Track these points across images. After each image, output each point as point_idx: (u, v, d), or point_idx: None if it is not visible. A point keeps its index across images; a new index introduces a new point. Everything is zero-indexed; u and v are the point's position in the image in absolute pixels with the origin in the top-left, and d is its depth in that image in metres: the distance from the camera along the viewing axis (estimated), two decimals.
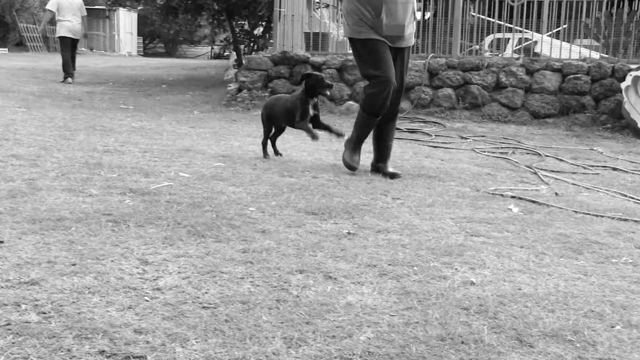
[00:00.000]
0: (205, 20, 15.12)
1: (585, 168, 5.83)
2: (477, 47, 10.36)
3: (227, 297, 2.46)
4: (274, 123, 5.54)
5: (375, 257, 3.02)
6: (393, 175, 4.94)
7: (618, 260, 3.15)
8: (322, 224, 3.53)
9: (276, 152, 5.60)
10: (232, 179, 4.54)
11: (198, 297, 2.44)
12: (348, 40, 5.26)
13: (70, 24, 12.87)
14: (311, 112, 5.23)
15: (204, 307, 2.36)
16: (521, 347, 2.17)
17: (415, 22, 5.11)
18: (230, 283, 2.61)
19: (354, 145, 5.14)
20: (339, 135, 5.27)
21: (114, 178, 4.35)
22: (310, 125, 5.22)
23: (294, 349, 2.10)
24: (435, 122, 8.61)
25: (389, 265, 2.92)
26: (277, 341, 2.13)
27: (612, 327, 2.35)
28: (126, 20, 31.96)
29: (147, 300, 2.39)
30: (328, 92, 5.21)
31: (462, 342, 2.18)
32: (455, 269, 2.92)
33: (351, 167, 5.04)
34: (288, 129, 5.70)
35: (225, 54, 18.61)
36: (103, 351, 2.00)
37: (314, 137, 5.18)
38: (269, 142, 5.60)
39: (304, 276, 2.73)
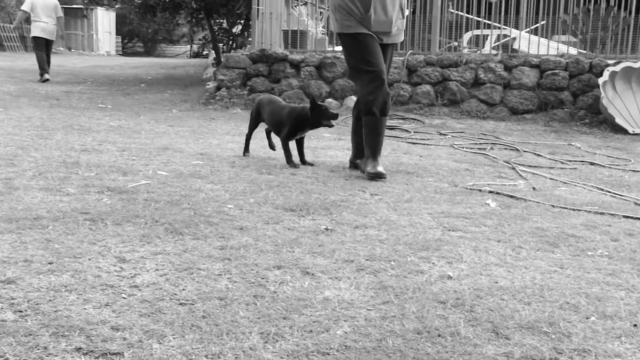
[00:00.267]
0: (183, 18, 15.05)
1: (563, 163, 5.88)
2: (456, 43, 10.42)
3: (205, 294, 2.46)
4: (262, 121, 5.43)
5: (353, 252, 3.03)
6: (379, 175, 4.76)
7: (594, 253, 3.18)
8: (300, 220, 3.54)
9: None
10: (210, 176, 4.53)
11: (175, 294, 2.44)
12: (337, 36, 5.18)
13: (44, 25, 12.86)
14: (301, 134, 5.15)
15: (181, 304, 2.36)
16: (497, 339, 2.19)
17: (404, 19, 5.05)
18: (208, 279, 2.61)
19: (371, 157, 4.85)
20: (305, 163, 5.15)
21: (92, 177, 4.33)
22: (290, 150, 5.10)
23: (270, 344, 2.10)
24: (414, 119, 8.64)
25: (367, 260, 2.93)
26: (254, 336, 2.14)
27: (587, 318, 2.38)
28: (104, 20, 31.74)
29: (124, 298, 2.38)
30: (333, 124, 5.01)
31: (439, 335, 2.20)
32: (433, 263, 2.93)
33: (380, 175, 4.72)
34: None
35: (205, 52, 18.53)
36: (80, 348, 2.00)
37: (292, 164, 5.02)
38: (260, 140, 5.57)
39: (282, 272, 2.74)
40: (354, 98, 9.11)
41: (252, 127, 5.52)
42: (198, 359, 1.99)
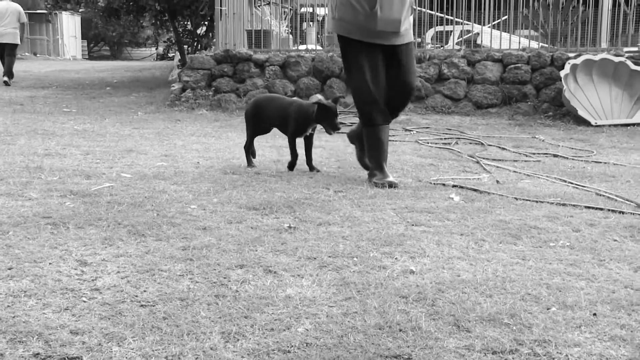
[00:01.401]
0: (147, 21, 14.91)
1: (526, 156, 5.94)
2: (419, 40, 10.46)
3: (166, 295, 2.44)
4: (263, 124, 5.05)
5: (316, 249, 3.03)
6: (391, 185, 4.39)
7: (555, 244, 3.21)
8: (264, 219, 3.53)
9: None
10: (174, 177, 4.51)
11: (136, 296, 2.42)
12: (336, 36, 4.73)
13: (1, 29, 12.79)
14: (309, 131, 4.85)
15: (142, 306, 2.34)
16: (459, 332, 2.21)
17: (411, 16, 4.64)
18: (170, 280, 2.59)
19: (378, 168, 4.59)
20: (312, 169, 4.89)
21: (55, 181, 4.28)
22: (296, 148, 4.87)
23: (231, 343, 2.10)
24: None
25: (329, 257, 2.93)
26: (215, 336, 2.13)
27: (548, 309, 2.40)
28: (69, 24, 31.27)
29: (84, 301, 2.36)
30: (331, 132, 4.77)
31: (400, 330, 2.20)
32: (395, 258, 2.94)
33: (392, 184, 4.42)
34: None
35: (171, 55, 18.38)
36: (37, 354, 1.97)
37: (289, 166, 4.87)
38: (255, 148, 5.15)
39: (244, 271, 2.73)
40: (318, 96, 9.10)
41: (252, 133, 5.05)
42: None
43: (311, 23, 11.59)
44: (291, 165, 4.89)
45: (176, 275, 2.65)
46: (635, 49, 9.03)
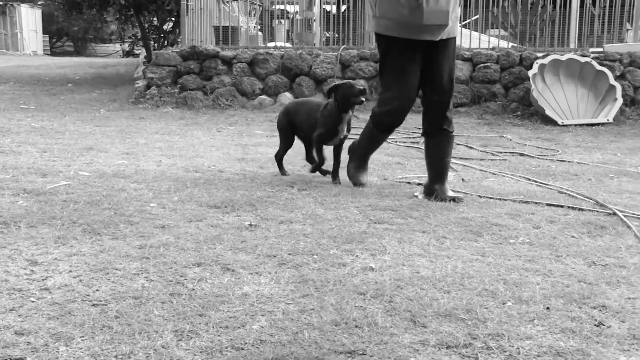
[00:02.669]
0: (112, 16, 14.71)
1: (493, 154, 5.97)
2: None
3: (119, 294, 2.40)
4: (297, 132, 4.71)
5: (276, 247, 3.00)
6: (454, 200, 4.05)
7: (515, 240, 3.23)
8: (224, 217, 3.49)
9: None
10: (135, 176, 4.44)
11: (88, 295, 2.37)
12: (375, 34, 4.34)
13: None
14: (343, 131, 4.46)
15: (93, 305, 2.29)
16: (414, 327, 2.20)
17: (458, 8, 4.25)
18: (124, 279, 2.55)
19: (359, 158, 4.45)
20: (335, 181, 4.51)
21: (8, 179, 4.19)
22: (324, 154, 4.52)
23: (184, 341, 2.06)
24: None
25: (289, 254, 2.91)
26: (168, 334, 2.09)
27: (504, 304, 2.41)
28: (29, 17, 30.52)
29: (32, 301, 2.30)
30: (363, 99, 4.32)
31: (356, 326, 2.19)
32: (356, 255, 2.93)
33: (358, 184, 4.37)
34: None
35: (137, 51, 18.16)
36: None
37: (311, 169, 4.56)
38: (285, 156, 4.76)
39: (201, 269, 2.69)
40: (287, 95, 9.09)
41: (286, 144, 4.71)
42: (107, 359, 1.94)
43: (281, 20, 11.55)
44: (315, 168, 4.58)
45: (131, 274, 2.60)
46: (600, 49, 9.14)
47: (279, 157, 4.74)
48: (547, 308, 2.37)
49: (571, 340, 2.12)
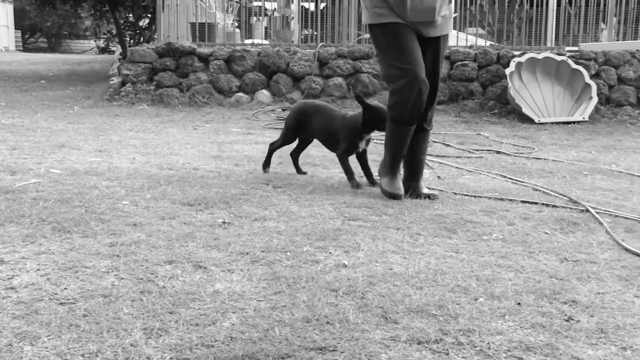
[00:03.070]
0: (86, 11, 14.52)
1: (470, 152, 5.99)
2: (367, 35, 10.49)
3: (88, 292, 2.37)
4: (304, 134, 4.61)
5: (249, 244, 2.98)
6: (429, 197, 4.03)
7: (489, 237, 3.24)
8: (198, 214, 3.47)
9: (299, 170, 4.68)
10: (107, 173, 4.39)
11: (56, 294, 2.34)
12: (368, 30, 4.17)
13: None
14: (362, 146, 4.38)
15: (61, 304, 2.26)
16: (386, 324, 2.20)
17: (451, 4, 4.10)
18: (93, 277, 2.51)
19: (390, 168, 4.09)
20: (373, 184, 4.39)
21: None
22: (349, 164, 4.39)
23: (153, 339, 2.04)
24: None
25: (262, 252, 2.89)
26: (137, 332, 2.07)
27: (476, 299, 2.41)
28: (0, 12, 30.05)
29: None
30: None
31: (328, 323, 2.18)
32: (329, 252, 2.92)
33: (395, 196, 4.00)
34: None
35: (113, 47, 17.94)
36: None
37: (353, 184, 4.31)
38: (284, 155, 4.72)
39: (173, 267, 2.67)
40: (265, 92, 9.06)
41: (286, 140, 4.64)
42: (74, 358, 1.91)
43: (260, 17, 11.51)
44: (353, 180, 4.36)
45: (100, 272, 2.57)
46: (576, 48, 9.21)
47: (272, 148, 4.67)
48: (519, 303, 2.37)
49: (541, 335, 2.13)
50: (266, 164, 4.68)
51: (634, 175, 4.91)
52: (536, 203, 3.92)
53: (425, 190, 4.10)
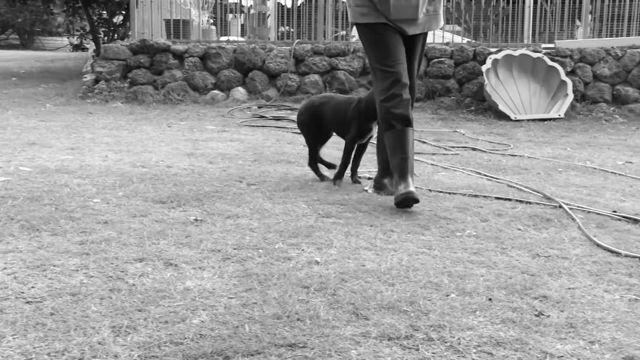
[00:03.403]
0: (59, 7, 14.30)
1: (446, 149, 6.00)
2: (344, 32, 10.49)
3: (56, 290, 2.34)
4: (323, 129, 4.41)
5: (221, 242, 2.96)
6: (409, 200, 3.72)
7: (462, 233, 3.25)
8: (170, 212, 3.44)
9: (329, 165, 4.47)
10: (79, 171, 4.34)
11: (22, 292, 2.30)
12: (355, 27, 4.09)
13: None
14: (374, 131, 4.23)
15: (27, 302, 2.23)
16: (357, 320, 2.19)
17: (438, 2, 4.03)
18: (62, 276, 2.48)
19: (400, 175, 3.83)
20: (356, 181, 4.32)
21: None
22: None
23: (122, 337, 2.02)
24: None
25: (234, 249, 2.87)
26: (105, 330, 2.05)
27: (447, 295, 2.42)
28: None
29: None
30: None
31: (298, 319, 2.17)
32: (302, 249, 2.91)
33: (412, 199, 3.68)
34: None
35: (87, 45, 17.69)
36: None
37: (336, 178, 4.24)
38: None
39: (143, 264, 2.64)
40: (240, 90, 9.01)
41: (315, 143, 4.39)
42: (39, 357, 1.88)
43: (236, 14, 11.45)
44: (340, 175, 4.29)
45: (69, 270, 2.54)
46: (552, 45, 9.27)
47: (311, 164, 4.40)
48: (490, 299, 2.38)
49: (511, 330, 2.14)
50: (320, 175, 4.39)
51: (607, 172, 4.95)
52: (510, 199, 3.94)
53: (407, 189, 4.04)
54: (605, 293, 2.49)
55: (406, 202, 3.66)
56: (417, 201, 3.67)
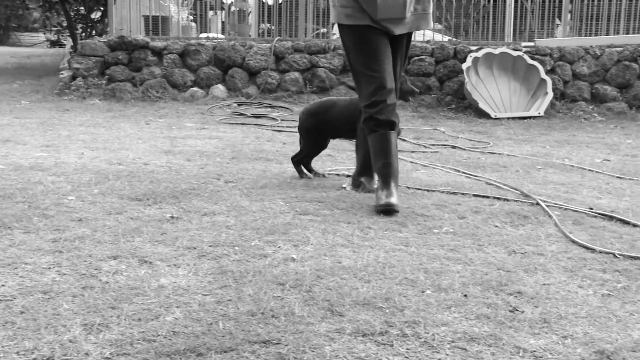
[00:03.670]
0: (34, 2, 14.09)
1: (425, 147, 6.01)
2: (325, 30, 10.47)
3: (27, 289, 2.30)
4: (328, 135, 4.36)
5: (197, 239, 2.94)
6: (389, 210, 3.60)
7: (439, 230, 3.25)
8: (146, 209, 3.40)
9: (310, 170, 4.43)
10: (54, 168, 4.29)
11: None
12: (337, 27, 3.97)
13: None
14: None
15: None
16: (332, 316, 2.18)
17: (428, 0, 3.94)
18: (33, 274, 2.45)
19: (383, 182, 3.74)
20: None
21: None
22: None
23: (94, 334, 1.99)
24: (282, 107, 8.57)
25: (210, 246, 2.85)
26: (76, 328, 2.02)
27: (423, 292, 2.42)
28: None
29: None
30: (409, 99, 4.27)
31: (273, 316, 2.16)
32: (278, 247, 2.89)
33: (390, 207, 3.58)
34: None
35: (64, 41, 17.48)
36: None
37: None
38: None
39: (117, 262, 2.61)
40: (220, 87, 8.97)
41: (316, 148, 4.38)
42: (8, 356, 1.85)
43: (217, 11, 11.39)
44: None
45: (41, 268, 2.50)
46: (532, 44, 9.32)
47: (303, 162, 4.36)
48: (465, 295, 2.38)
49: (485, 325, 2.14)
50: (301, 173, 4.38)
51: (585, 169, 4.99)
52: (488, 197, 3.95)
53: (377, 186, 4.01)
54: (579, 289, 2.50)
55: (386, 213, 3.56)
56: (397, 212, 3.57)
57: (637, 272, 2.70)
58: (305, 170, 4.40)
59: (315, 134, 4.30)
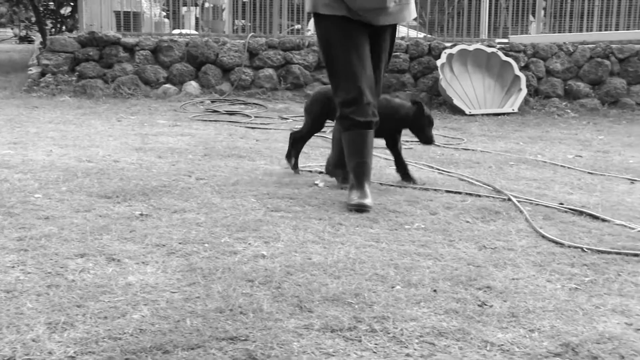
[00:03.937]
0: None
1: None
2: (299, 26, 10.44)
3: None
4: (323, 122, 4.41)
5: (166, 236, 2.91)
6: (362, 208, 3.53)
7: (411, 226, 3.25)
8: (115, 207, 3.36)
9: (297, 157, 4.48)
10: (21, 166, 4.23)
11: None
12: (312, 16, 3.81)
13: None
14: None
15: None
16: (301, 312, 2.17)
17: None
18: None
19: (357, 182, 3.65)
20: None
21: None
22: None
23: (58, 333, 1.96)
24: (256, 104, 8.53)
25: (179, 244, 2.83)
26: (40, 327, 1.99)
27: (392, 287, 2.41)
28: None
29: None
30: (424, 144, 4.48)
31: (241, 313, 2.15)
32: (249, 243, 2.88)
33: (363, 207, 3.51)
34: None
35: (34, 37, 17.20)
36: None
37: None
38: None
39: (84, 260, 2.58)
40: (193, 84, 8.91)
41: (315, 128, 4.42)
42: None
43: (191, 7, 11.31)
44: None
45: (5, 267, 2.46)
46: (506, 40, 9.37)
47: (294, 137, 4.43)
48: (435, 290, 2.38)
49: (454, 320, 2.14)
50: (289, 155, 4.44)
51: (557, 165, 5.03)
52: (460, 193, 3.96)
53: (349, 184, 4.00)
54: (547, 283, 2.51)
55: (359, 212, 3.50)
56: (369, 210, 3.51)
57: (605, 265, 2.72)
58: (294, 155, 4.44)
59: (317, 115, 4.33)
